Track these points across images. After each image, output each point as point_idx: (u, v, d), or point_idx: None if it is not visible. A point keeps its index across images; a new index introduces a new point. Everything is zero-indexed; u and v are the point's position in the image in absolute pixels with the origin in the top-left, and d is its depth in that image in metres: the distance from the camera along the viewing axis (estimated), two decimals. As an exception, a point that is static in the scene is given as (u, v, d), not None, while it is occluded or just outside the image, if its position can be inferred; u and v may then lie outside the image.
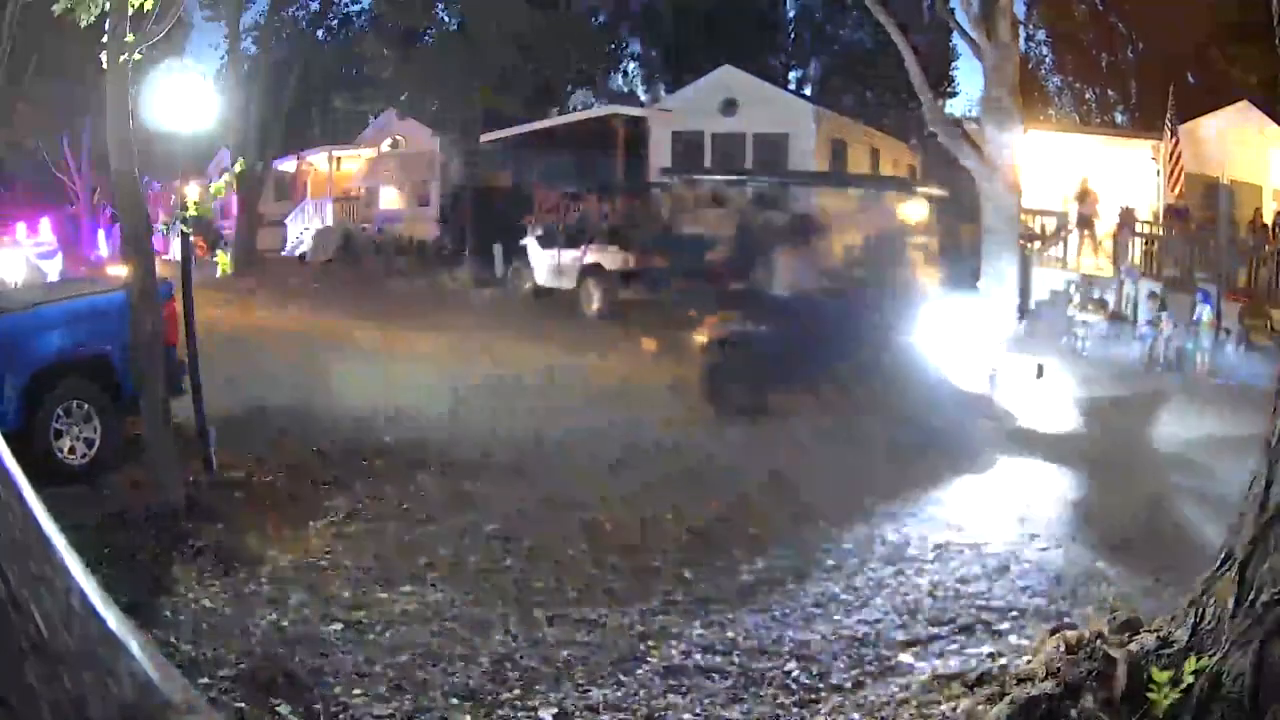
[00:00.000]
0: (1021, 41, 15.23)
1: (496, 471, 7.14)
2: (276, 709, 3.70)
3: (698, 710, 3.79)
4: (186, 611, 4.58)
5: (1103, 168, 15.90)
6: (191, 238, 7.00)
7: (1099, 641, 3.41)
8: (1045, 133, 16.66)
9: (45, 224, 20.99)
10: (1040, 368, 9.17)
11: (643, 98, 36.79)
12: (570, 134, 21.21)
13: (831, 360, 9.10)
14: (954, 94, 38.77)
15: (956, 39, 23.86)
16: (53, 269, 17.68)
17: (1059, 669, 3.36)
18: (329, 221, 24.24)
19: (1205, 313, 11.99)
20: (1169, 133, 14.65)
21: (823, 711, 3.75)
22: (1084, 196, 15.35)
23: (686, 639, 4.41)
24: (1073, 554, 5.58)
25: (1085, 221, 15.32)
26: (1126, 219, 14.69)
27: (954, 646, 4.32)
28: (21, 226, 19.82)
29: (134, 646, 0.69)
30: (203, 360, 6.71)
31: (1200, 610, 3.19)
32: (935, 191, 11.02)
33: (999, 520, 6.21)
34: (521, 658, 4.19)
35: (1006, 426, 8.67)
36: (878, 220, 10.43)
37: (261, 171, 24.09)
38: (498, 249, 18.13)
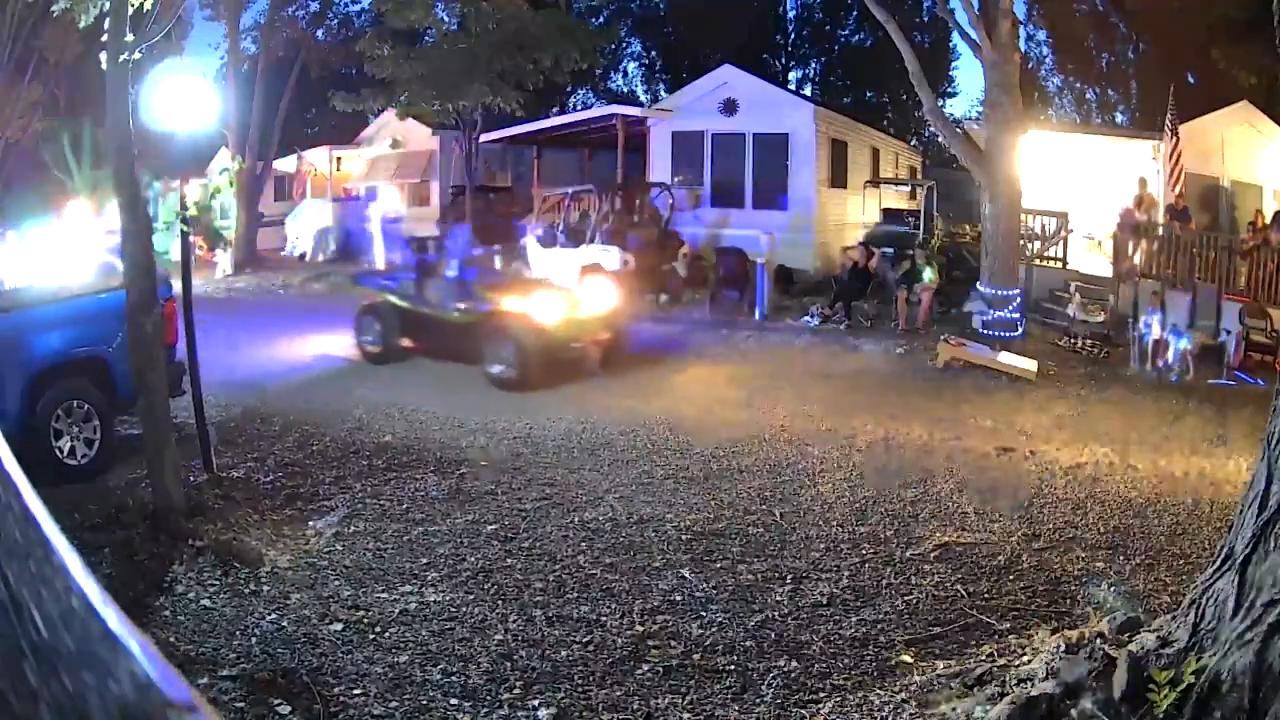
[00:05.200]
0: (1021, 41, 15.18)
1: (496, 470, 7.13)
2: (276, 709, 3.70)
3: (698, 710, 3.79)
4: (186, 611, 4.58)
5: (1103, 168, 15.89)
6: (191, 237, 6.99)
7: (1099, 641, 3.42)
8: (1045, 133, 16.64)
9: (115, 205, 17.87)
10: None
11: (643, 97, 36.87)
12: (570, 134, 21.20)
13: None
14: (954, 94, 38.94)
15: (956, 39, 23.92)
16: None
17: (1059, 669, 3.36)
18: (329, 221, 24.23)
19: (1204, 314, 11.99)
20: (1169, 133, 14.63)
21: (823, 712, 3.75)
22: (1141, 201, 14.80)
23: (686, 639, 4.41)
24: (1072, 553, 5.58)
25: (1145, 230, 14.33)
26: (1126, 219, 14.66)
27: (954, 646, 4.33)
28: (81, 206, 15.54)
29: (134, 646, 0.69)
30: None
31: (1200, 610, 3.19)
32: None
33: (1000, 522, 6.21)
34: (521, 658, 4.19)
35: None
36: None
37: (261, 171, 24.07)
38: (497, 249, 18.12)
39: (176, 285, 6.89)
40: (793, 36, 39.96)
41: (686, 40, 36.14)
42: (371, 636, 4.39)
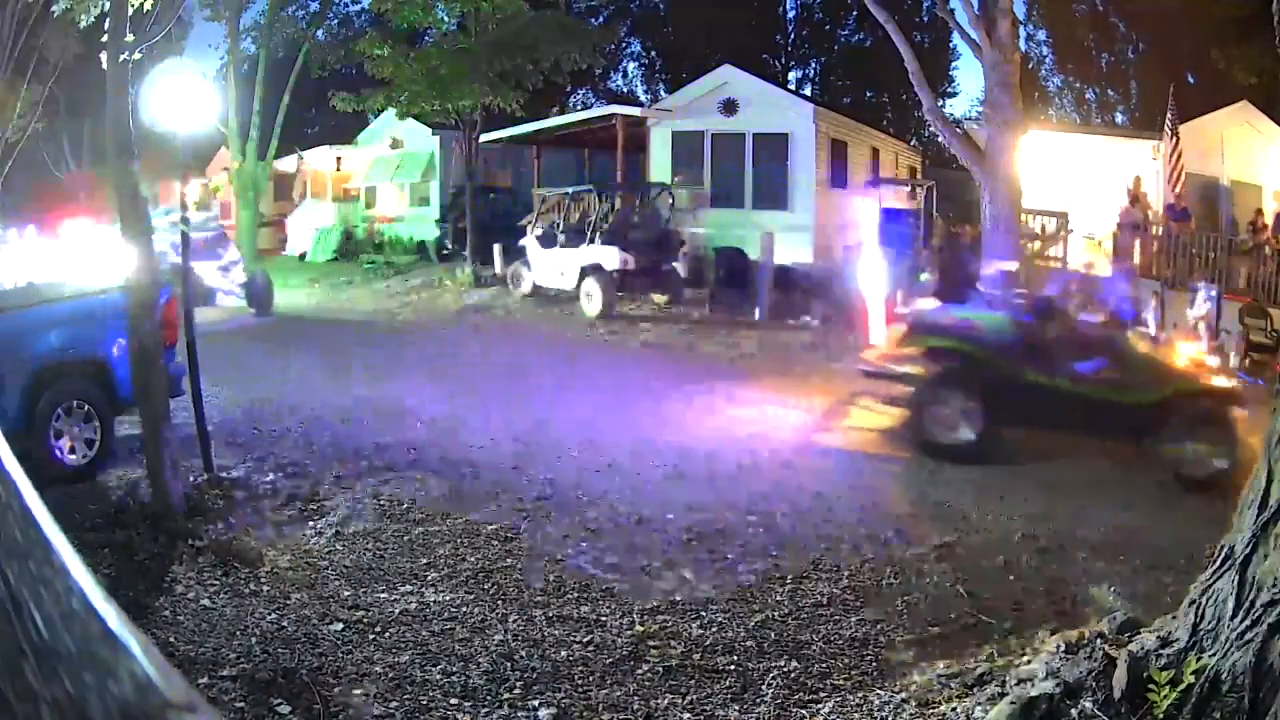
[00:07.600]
0: (1021, 41, 15.19)
1: (495, 470, 7.12)
2: (276, 709, 3.70)
3: (697, 710, 3.79)
4: (186, 611, 4.58)
5: (1103, 168, 15.89)
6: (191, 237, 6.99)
7: (1099, 641, 3.42)
8: (1045, 133, 16.64)
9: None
10: None
11: (643, 97, 36.86)
12: (570, 134, 21.20)
13: None
14: (954, 94, 38.93)
15: (956, 39, 23.93)
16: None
17: (1059, 669, 3.36)
18: (329, 221, 24.24)
19: (1202, 312, 11.98)
20: (1169, 133, 14.64)
21: (822, 712, 3.75)
22: (1136, 200, 14.78)
23: (686, 639, 4.41)
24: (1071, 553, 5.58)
25: (1138, 227, 14.49)
26: (1126, 219, 14.66)
27: (954, 646, 4.33)
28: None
29: (134, 646, 0.69)
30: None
31: (1200, 610, 3.19)
32: None
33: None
34: (521, 658, 4.19)
35: None
36: None
37: (261, 171, 24.07)
38: (497, 249, 18.12)
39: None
40: (793, 36, 39.95)
41: (686, 40, 36.13)
42: (371, 636, 4.39)
